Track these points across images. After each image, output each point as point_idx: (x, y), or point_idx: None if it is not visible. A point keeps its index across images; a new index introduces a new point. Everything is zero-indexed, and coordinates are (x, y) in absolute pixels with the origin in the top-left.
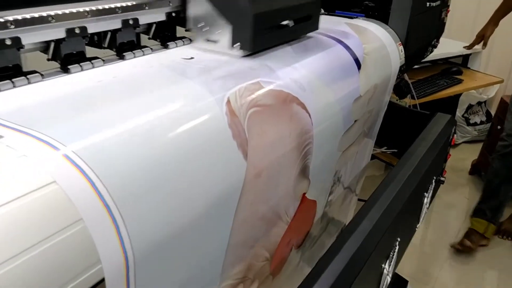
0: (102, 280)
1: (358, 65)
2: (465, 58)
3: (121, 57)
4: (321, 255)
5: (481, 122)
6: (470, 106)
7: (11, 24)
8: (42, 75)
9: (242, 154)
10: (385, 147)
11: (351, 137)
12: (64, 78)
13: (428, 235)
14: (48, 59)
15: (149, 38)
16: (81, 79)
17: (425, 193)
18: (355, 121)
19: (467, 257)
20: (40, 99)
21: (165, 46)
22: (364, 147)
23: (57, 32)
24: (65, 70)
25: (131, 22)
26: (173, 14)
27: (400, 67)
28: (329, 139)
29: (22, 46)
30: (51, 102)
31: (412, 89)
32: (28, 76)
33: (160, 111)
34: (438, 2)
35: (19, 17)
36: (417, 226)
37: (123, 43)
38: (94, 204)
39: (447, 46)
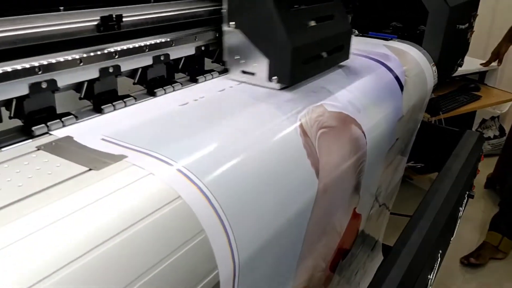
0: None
1: (401, 86)
2: (482, 75)
3: (194, 80)
4: (358, 269)
5: (495, 137)
6: (483, 121)
7: (115, 54)
8: (135, 98)
9: (314, 172)
10: (412, 162)
11: (393, 154)
12: (152, 101)
13: None
14: (134, 83)
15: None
16: (166, 101)
17: (460, 207)
18: (397, 139)
19: (483, 270)
20: (143, 120)
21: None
22: (399, 163)
23: (146, 60)
24: (151, 93)
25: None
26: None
27: (434, 86)
28: (377, 157)
29: (120, 73)
30: (153, 123)
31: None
32: (124, 100)
33: (250, 131)
34: (466, 25)
35: (119, 48)
36: (451, 238)
37: (194, 69)
38: (211, 217)
39: (464, 63)
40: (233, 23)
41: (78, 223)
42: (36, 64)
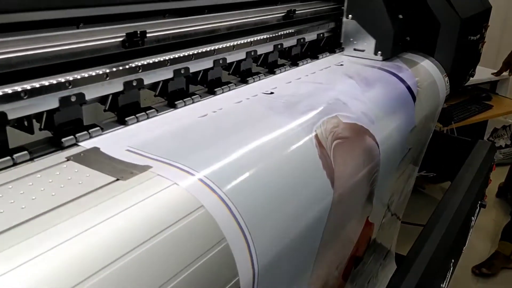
0: None
1: (414, 97)
2: (493, 84)
3: (212, 93)
4: (370, 277)
5: (506, 146)
6: (495, 130)
7: (139, 68)
8: (157, 110)
9: (330, 182)
10: (424, 171)
11: (405, 164)
12: (173, 113)
13: None
14: (155, 95)
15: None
16: (187, 113)
17: (472, 217)
18: (409, 149)
19: (495, 280)
20: (165, 131)
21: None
22: (412, 173)
23: (167, 74)
24: (172, 105)
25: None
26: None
27: (446, 96)
28: (390, 166)
29: (143, 86)
30: (175, 134)
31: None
32: (147, 112)
33: (267, 142)
34: (477, 36)
35: (143, 62)
36: (464, 248)
37: (212, 81)
38: (231, 225)
39: (476, 73)
40: (351, 15)
41: (108, 232)
42: (67, 79)
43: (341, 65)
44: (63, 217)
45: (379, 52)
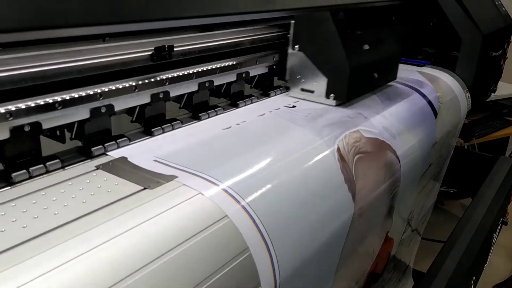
0: None
1: (435, 113)
2: None
3: (234, 105)
4: None
5: None
6: None
7: (166, 81)
8: (181, 121)
9: (351, 196)
10: (445, 187)
11: (426, 180)
12: (197, 124)
13: None
14: (180, 107)
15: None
16: (211, 125)
17: (494, 234)
18: (430, 164)
19: None
20: (189, 143)
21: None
22: (432, 189)
23: (192, 86)
24: (196, 117)
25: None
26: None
27: (467, 112)
28: (411, 182)
29: (169, 99)
30: (200, 145)
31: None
32: (172, 123)
33: (290, 155)
34: (499, 52)
35: (169, 75)
36: (485, 266)
37: (235, 93)
38: (255, 235)
39: (498, 88)
40: (297, 46)
41: (136, 239)
42: (98, 90)
43: None
44: (93, 224)
45: (332, 95)
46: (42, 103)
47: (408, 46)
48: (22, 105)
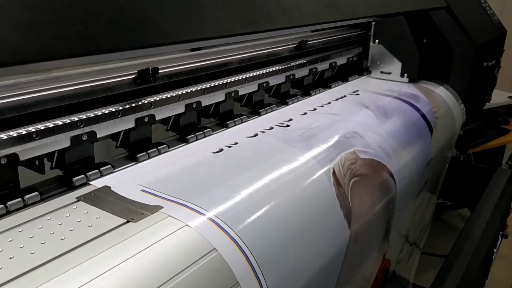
0: None
1: (431, 129)
2: (510, 108)
3: (224, 126)
4: None
5: None
6: None
7: (151, 105)
8: (168, 145)
9: (347, 222)
10: (441, 199)
11: (422, 197)
12: (185, 148)
13: None
14: (167, 130)
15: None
16: (199, 148)
17: (494, 249)
18: (425, 182)
19: None
20: (176, 169)
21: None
22: (429, 202)
23: (179, 109)
24: (183, 140)
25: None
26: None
27: (462, 123)
28: (407, 202)
29: (155, 122)
30: (188, 171)
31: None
32: (158, 147)
33: (281, 179)
34: (493, 62)
35: (154, 98)
36: (486, 281)
37: (225, 113)
38: (244, 267)
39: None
40: (377, 40)
41: (118, 278)
42: (79, 118)
43: (357, 94)
44: (72, 263)
45: (405, 74)
46: (19, 133)
47: None
48: None
